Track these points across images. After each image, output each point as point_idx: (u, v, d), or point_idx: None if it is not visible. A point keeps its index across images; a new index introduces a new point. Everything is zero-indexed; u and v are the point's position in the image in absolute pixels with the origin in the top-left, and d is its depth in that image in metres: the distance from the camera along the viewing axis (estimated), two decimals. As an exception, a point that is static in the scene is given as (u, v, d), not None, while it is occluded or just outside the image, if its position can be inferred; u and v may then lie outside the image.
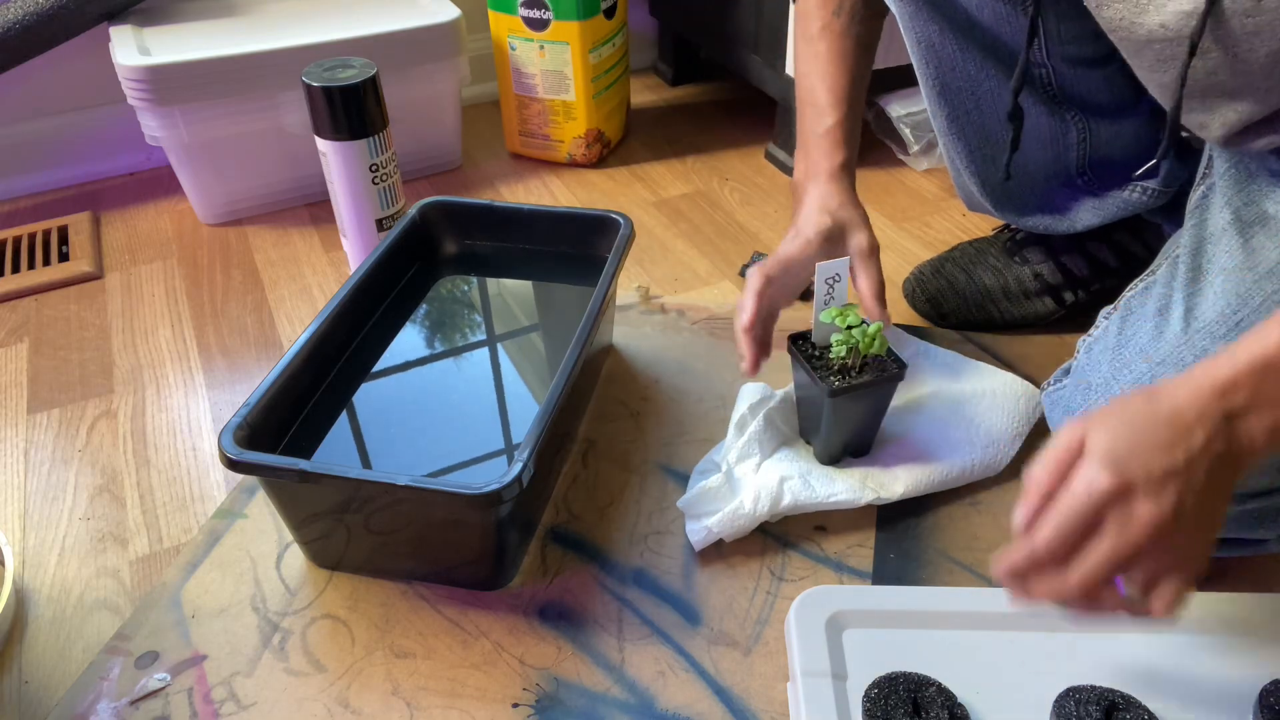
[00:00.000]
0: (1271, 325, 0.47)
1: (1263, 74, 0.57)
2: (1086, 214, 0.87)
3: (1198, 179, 0.69)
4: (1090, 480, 0.47)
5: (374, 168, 0.94)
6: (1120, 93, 0.81)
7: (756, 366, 0.73)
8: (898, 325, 0.91)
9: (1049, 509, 0.48)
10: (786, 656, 0.64)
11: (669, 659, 0.64)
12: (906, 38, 0.81)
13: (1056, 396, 0.70)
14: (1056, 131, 0.83)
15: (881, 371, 0.72)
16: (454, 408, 0.78)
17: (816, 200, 0.78)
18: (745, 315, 0.73)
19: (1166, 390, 0.49)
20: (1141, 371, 0.62)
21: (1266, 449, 0.48)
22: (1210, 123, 0.63)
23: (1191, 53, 0.57)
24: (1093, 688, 0.56)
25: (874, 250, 0.77)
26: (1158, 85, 0.65)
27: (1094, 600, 0.49)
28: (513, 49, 1.23)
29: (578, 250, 0.92)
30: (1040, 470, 0.50)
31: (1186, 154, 0.83)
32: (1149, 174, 0.84)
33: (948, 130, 0.83)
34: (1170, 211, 0.86)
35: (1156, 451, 0.47)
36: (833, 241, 0.76)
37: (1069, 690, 0.56)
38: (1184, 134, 0.69)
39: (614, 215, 0.89)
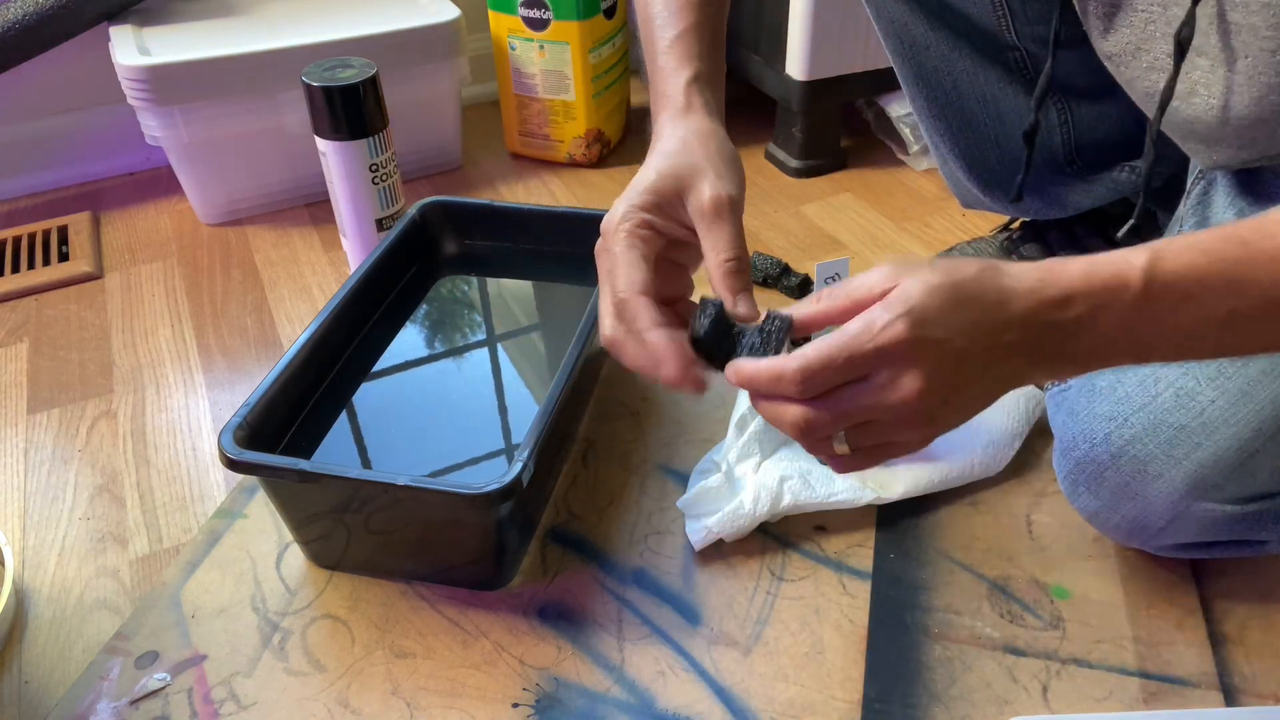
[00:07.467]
0: (1138, 250, 0.44)
1: (1235, 135, 0.58)
2: (1077, 196, 0.87)
3: (1195, 172, 0.69)
4: (882, 326, 0.43)
5: (374, 168, 0.94)
6: (1098, 74, 0.81)
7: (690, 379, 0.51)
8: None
9: (826, 338, 0.44)
10: (786, 656, 0.64)
11: (669, 659, 0.64)
12: (876, 24, 0.81)
13: (1060, 398, 0.70)
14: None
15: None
16: (454, 408, 0.78)
17: (661, 149, 0.57)
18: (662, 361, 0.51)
19: (1008, 274, 0.44)
20: (1146, 373, 0.62)
21: (1066, 373, 0.46)
22: (1195, 153, 0.64)
23: (1162, 109, 0.58)
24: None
25: (723, 206, 0.53)
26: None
27: (809, 442, 0.47)
28: (513, 49, 1.23)
29: (578, 250, 0.91)
30: (840, 293, 0.45)
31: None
32: (1135, 153, 0.84)
33: (928, 113, 0.83)
34: (1164, 196, 0.86)
35: (960, 332, 0.43)
36: (666, 201, 0.54)
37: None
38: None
39: (614, 215, 0.88)
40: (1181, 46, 0.55)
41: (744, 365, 0.47)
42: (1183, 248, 0.44)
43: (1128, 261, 0.43)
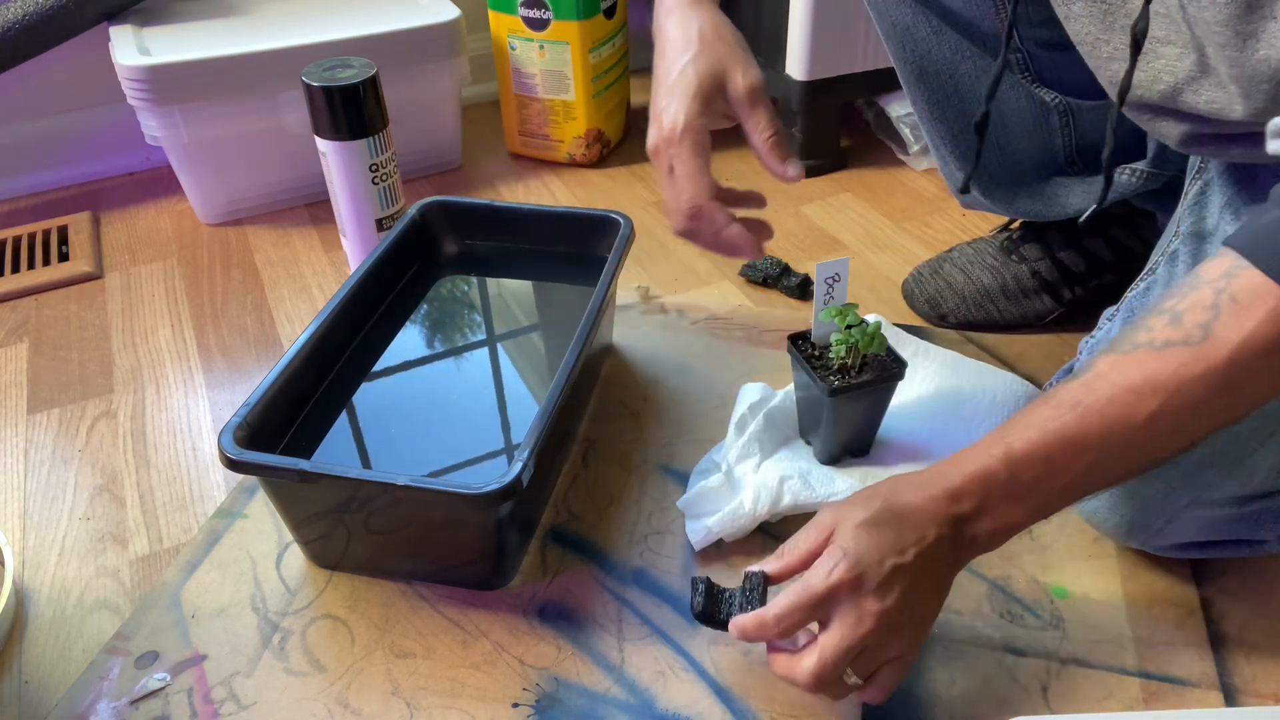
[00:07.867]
0: (994, 440, 0.53)
1: (1207, 119, 0.58)
2: (1076, 198, 0.87)
3: (1193, 172, 0.69)
4: (828, 572, 0.52)
5: (374, 168, 0.94)
6: None
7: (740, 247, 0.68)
8: (897, 325, 0.91)
9: (791, 587, 0.54)
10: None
11: (669, 659, 0.64)
12: (878, 25, 0.81)
13: None
14: (1038, 116, 0.83)
15: (881, 371, 0.72)
16: (454, 408, 0.78)
17: (679, 41, 0.66)
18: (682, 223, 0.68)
19: (909, 490, 0.54)
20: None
21: (988, 546, 0.54)
22: (1163, 134, 0.64)
23: (1121, 98, 0.59)
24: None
25: (756, 92, 0.66)
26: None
27: (826, 689, 0.55)
28: (513, 49, 1.23)
29: (578, 250, 0.92)
30: (798, 545, 0.56)
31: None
32: (1136, 155, 0.83)
33: (929, 115, 0.83)
34: (1163, 198, 0.86)
35: (890, 551, 0.52)
36: (710, 99, 0.65)
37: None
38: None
39: (614, 215, 0.89)
40: (1138, 40, 0.55)
41: (738, 621, 0.56)
42: (1023, 429, 0.52)
43: (989, 453, 0.52)
